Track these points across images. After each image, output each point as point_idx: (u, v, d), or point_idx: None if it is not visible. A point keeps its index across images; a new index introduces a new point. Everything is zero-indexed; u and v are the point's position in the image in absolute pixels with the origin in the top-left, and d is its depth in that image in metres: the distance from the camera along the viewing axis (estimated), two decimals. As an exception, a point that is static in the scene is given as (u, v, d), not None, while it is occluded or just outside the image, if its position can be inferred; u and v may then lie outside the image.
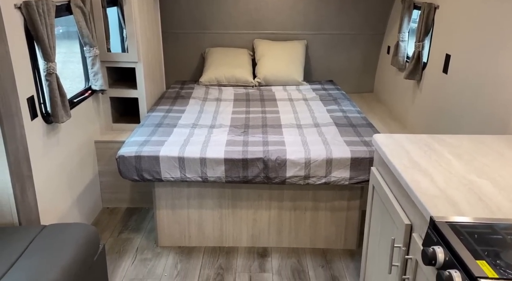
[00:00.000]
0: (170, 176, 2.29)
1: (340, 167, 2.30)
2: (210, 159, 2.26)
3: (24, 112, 1.96)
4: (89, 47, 2.72)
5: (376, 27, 4.08)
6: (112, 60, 3.02)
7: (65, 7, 2.45)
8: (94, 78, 2.82)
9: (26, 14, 1.96)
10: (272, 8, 4.02)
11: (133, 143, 2.39)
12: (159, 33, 3.60)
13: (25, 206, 1.90)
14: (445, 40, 2.64)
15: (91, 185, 2.90)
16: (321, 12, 4.03)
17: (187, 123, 2.78)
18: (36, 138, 2.12)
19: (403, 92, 3.42)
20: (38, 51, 2.10)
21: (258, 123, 2.80)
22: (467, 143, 1.70)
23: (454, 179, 1.38)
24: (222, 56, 3.97)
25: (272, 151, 2.31)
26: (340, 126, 2.74)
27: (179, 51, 4.16)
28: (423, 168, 1.46)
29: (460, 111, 2.38)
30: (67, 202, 2.53)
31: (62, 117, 2.23)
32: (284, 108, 3.18)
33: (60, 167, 2.42)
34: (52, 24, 2.16)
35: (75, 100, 2.67)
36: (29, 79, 2.05)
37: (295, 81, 3.88)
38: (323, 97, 3.48)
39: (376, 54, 4.23)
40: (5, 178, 1.76)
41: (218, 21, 4.07)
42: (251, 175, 2.29)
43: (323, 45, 4.19)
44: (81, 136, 2.73)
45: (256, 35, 4.12)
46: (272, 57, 3.92)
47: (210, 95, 3.52)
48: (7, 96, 1.70)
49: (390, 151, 1.61)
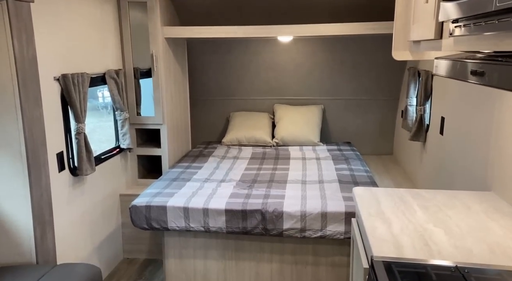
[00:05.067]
0: (176, 225, 2.49)
1: (335, 221, 2.39)
2: (212, 209, 2.45)
3: (52, 164, 2.30)
4: (120, 111, 3.13)
5: (390, 93, 4.27)
6: (141, 123, 3.42)
7: (100, 78, 2.90)
8: (123, 138, 3.20)
9: (63, 84, 2.39)
10: (290, 76, 4.37)
11: (147, 195, 2.65)
12: (186, 99, 4.02)
13: (43, 247, 2.15)
14: (441, 104, 2.78)
15: (113, 235, 3.14)
16: (335, 79, 4.31)
17: (200, 178, 3.02)
18: (62, 188, 2.44)
19: (413, 153, 3.50)
20: (71, 114, 2.50)
21: (266, 179, 2.99)
22: (440, 197, 1.78)
23: (410, 227, 1.47)
24: (244, 119, 4.30)
25: (270, 204, 2.46)
26: (343, 183, 2.86)
27: (206, 115, 4.55)
28: (386, 217, 1.56)
29: (453, 169, 2.44)
30: (87, 248, 2.78)
31: (86, 171, 2.56)
32: (295, 166, 3.35)
33: (83, 216, 2.71)
34: (85, 92, 2.58)
35: (104, 156, 3.03)
36: (61, 137, 2.42)
37: (311, 142, 4.08)
38: (335, 157, 3.63)
39: (393, 118, 4.37)
40: (28, 221, 2.05)
41: (242, 89, 4.46)
42: (250, 226, 2.44)
43: (340, 109, 4.42)
44: (107, 189, 3.04)
45: (276, 101, 4.45)
46: (290, 120, 4.18)
47: (229, 154, 3.79)
48: (37, 150, 2.05)
49: (362, 202, 1.73)
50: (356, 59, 4.23)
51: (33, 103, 2.02)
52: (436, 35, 1.22)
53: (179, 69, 3.77)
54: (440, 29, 1.22)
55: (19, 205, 2.03)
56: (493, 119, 1.88)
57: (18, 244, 2.09)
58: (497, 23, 0.80)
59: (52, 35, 2.32)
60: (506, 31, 0.78)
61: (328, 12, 3.44)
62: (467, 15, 0.92)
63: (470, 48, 1.00)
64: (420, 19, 1.46)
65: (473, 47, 0.98)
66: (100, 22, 2.89)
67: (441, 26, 1.21)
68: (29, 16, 2.00)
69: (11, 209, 2.05)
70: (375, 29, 2.99)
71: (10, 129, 1.95)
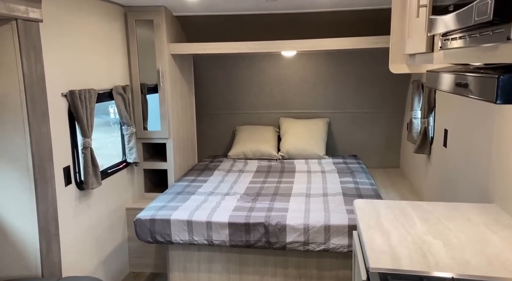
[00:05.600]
0: (180, 238, 2.50)
1: (338, 234, 2.38)
2: (215, 222, 2.47)
3: (59, 178, 2.35)
4: (127, 126, 3.19)
5: (395, 106, 4.27)
6: (147, 137, 3.47)
7: (107, 94, 2.97)
8: (129, 152, 3.25)
9: (70, 100, 2.45)
10: (295, 90, 4.41)
11: (151, 208, 2.68)
12: (192, 114, 4.08)
13: (49, 261, 2.18)
14: (444, 116, 2.78)
15: (119, 249, 3.17)
16: (340, 93, 4.34)
17: (205, 191, 3.04)
18: (68, 202, 2.48)
19: (419, 166, 3.49)
20: (78, 129, 2.56)
21: (270, 192, 3.00)
22: (441, 209, 1.77)
23: (409, 239, 1.46)
24: (250, 133, 4.33)
25: (273, 216, 2.47)
26: (347, 196, 2.85)
27: (213, 129, 4.60)
28: (385, 229, 1.56)
29: (457, 181, 2.43)
30: (93, 262, 2.80)
31: (92, 184, 2.60)
32: (300, 179, 3.36)
33: (89, 229, 2.74)
34: (92, 107, 2.64)
35: (110, 170, 3.07)
36: (67, 151, 2.48)
37: (317, 155, 4.08)
38: (340, 170, 3.63)
39: (399, 131, 4.36)
40: (34, 234, 2.08)
41: (247, 103, 4.51)
42: (253, 240, 2.44)
43: (345, 122, 4.43)
44: (113, 203, 3.08)
45: (282, 114, 4.48)
46: (295, 134, 4.20)
47: (234, 167, 3.81)
48: (43, 165, 2.10)
49: (362, 214, 1.74)
50: (360, 73, 4.26)
51: (41, 119, 2.08)
52: (427, 48, 1.24)
53: (185, 84, 3.83)
54: (431, 42, 1.24)
55: (25, 219, 2.07)
56: (493, 132, 1.88)
57: (24, 257, 2.12)
58: (479, 36, 0.82)
59: (60, 53, 2.39)
60: (487, 44, 0.80)
61: (331, 27, 3.49)
62: (452, 29, 0.95)
63: (459, 61, 1.02)
64: (413, 33, 1.49)
65: (461, 60, 1.00)
66: (108, 40, 2.97)
67: (432, 40, 1.24)
68: (37, 35, 2.08)
69: (18, 223, 2.09)
70: (377, 43, 3.02)
71: (18, 144, 2.00)
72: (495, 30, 0.75)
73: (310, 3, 3.12)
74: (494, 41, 0.74)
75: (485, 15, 0.71)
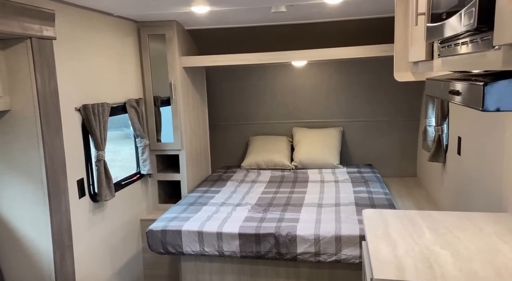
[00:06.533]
0: (191, 249, 2.52)
1: (349, 244, 2.35)
2: (225, 233, 2.47)
3: (73, 191, 2.40)
4: (140, 138, 3.25)
5: (410, 113, 4.21)
6: (161, 149, 3.52)
7: (121, 107, 3.03)
8: (143, 164, 3.31)
9: (83, 114, 2.52)
10: (308, 99, 4.41)
11: (163, 219, 2.71)
12: (205, 125, 4.12)
13: (63, 272, 2.23)
14: (457, 124, 2.73)
15: (133, 260, 3.20)
16: (353, 101, 4.31)
17: (217, 202, 3.06)
18: (82, 214, 2.53)
19: (435, 175, 3.42)
20: (92, 142, 2.62)
21: (281, 202, 2.99)
22: (452, 219, 1.73)
23: (416, 249, 1.43)
24: (263, 143, 4.34)
25: (284, 227, 2.46)
26: (359, 206, 2.82)
27: (226, 140, 4.63)
28: (392, 239, 1.53)
29: (472, 190, 2.37)
30: (107, 273, 2.84)
31: (105, 196, 2.65)
32: (312, 189, 3.34)
33: (103, 241, 2.78)
34: (105, 121, 2.70)
35: (124, 182, 3.13)
36: (81, 164, 2.54)
37: (331, 165, 4.05)
38: (354, 180, 3.59)
39: (415, 139, 4.29)
40: (48, 246, 2.13)
41: (260, 113, 4.53)
42: (263, 250, 2.43)
43: (359, 131, 4.39)
44: (127, 214, 3.12)
45: (294, 124, 4.48)
46: (308, 143, 4.19)
47: (247, 178, 3.82)
48: (57, 178, 2.16)
49: (369, 224, 1.71)
50: (373, 81, 4.23)
51: (54, 132, 2.15)
52: (427, 56, 1.23)
53: (198, 96, 3.88)
54: (431, 50, 1.23)
55: (40, 231, 2.13)
56: (504, 139, 1.84)
57: (39, 268, 2.17)
58: (469, 44, 0.82)
59: (74, 68, 2.47)
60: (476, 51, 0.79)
61: (340, 36, 3.49)
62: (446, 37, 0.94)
63: (455, 68, 1.01)
64: (415, 41, 1.48)
65: (456, 67, 0.99)
66: (121, 54, 3.05)
67: (432, 47, 1.23)
68: (51, 52, 2.15)
69: (33, 234, 2.14)
70: (387, 51, 3.00)
71: (32, 158, 2.07)
72: (483, 38, 0.74)
73: (318, 14, 3.14)
74: (482, 48, 0.74)
75: (470, 22, 0.71)
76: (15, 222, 2.14)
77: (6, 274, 2.17)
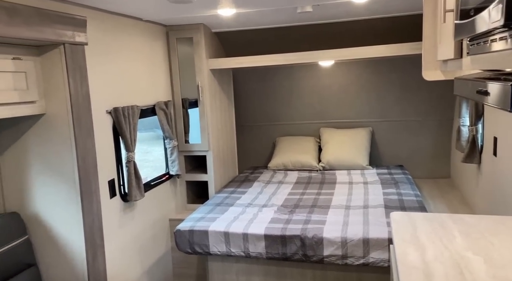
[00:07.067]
0: (217, 250, 2.54)
1: (378, 247, 2.30)
2: (251, 234, 2.47)
3: (104, 191, 2.48)
4: (169, 140, 3.31)
5: (443, 113, 4.08)
6: (189, 150, 3.57)
7: (150, 109, 3.10)
8: (172, 164, 3.37)
9: (114, 116, 2.59)
10: (336, 99, 4.35)
11: (191, 219, 2.74)
12: (232, 126, 4.15)
13: (95, 270, 2.30)
14: (493, 123, 2.61)
15: (163, 259, 3.26)
16: (383, 101, 4.22)
17: (243, 202, 3.07)
18: (113, 214, 2.60)
19: (469, 176, 3.29)
20: (122, 143, 2.69)
21: (308, 204, 2.96)
22: (486, 223, 1.66)
23: (446, 254, 1.38)
24: (290, 144, 4.32)
25: (310, 229, 2.43)
26: (389, 208, 2.75)
27: (253, 141, 4.64)
28: (421, 243, 1.49)
29: (508, 193, 2.26)
30: (137, 272, 2.91)
31: (135, 196, 2.72)
32: (340, 191, 3.29)
33: (133, 240, 2.85)
34: (135, 123, 2.77)
35: (154, 182, 3.19)
36: (112, 165, 2.61)
37: (359, 166, 3.98)
38: (384, 181, 3.51)
39: (448, 140, 4.15)
40: (81, 245, 2.21)
41: (287, 114, 4.51)
42: (289, 252, 2.42)
43: (390, 131, 4.28)
44: (156, 214, 3.19)
45: (322, 124, 4.43)
46: (336, 144, 4.13)
47: (274, 179, 3.81)
48: (89, 178, 2.23)
49: (397, 227, 1.67)
50: (404, 79, 4.12)
51: (86, 134, 2.22)
52: (456, 54, 1.19)
53: (225, 98, 3.92)
54: (460, 48, 1.18)
55: (73, 230, 2.21)
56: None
57: (73, 266, 2.25)
58: (498, 41, 0.78)
59: (104, 72, 2.55)
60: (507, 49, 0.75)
61: (368, 34, 3.43)
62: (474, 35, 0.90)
63: (485, 67, 0.96)
64: (443, 38, 1.43)
65: (487, 65, 0.95)
66: (150, 58, 3.12)
67: (461, 45, 1.18)
68: (83, 57, 2.23)
69: (67, 233, 2.23)
70: (417, 50, 2.91)
71: (66, 159, 2.15)
72: (513, 34, 0.70)
73: (345, 12, 3.09)
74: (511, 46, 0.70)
75: (498, 19, 0.68)
76: (51, 221, 2.23)
77: (43, 270, 2.27)
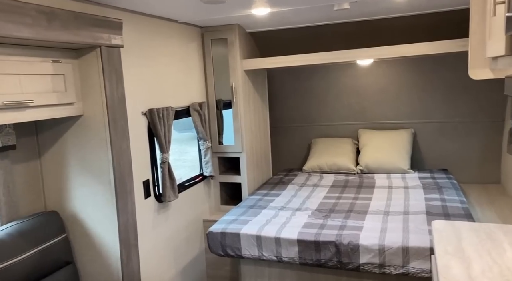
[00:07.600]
0: (249, 253, 2.50)
1: (418, 257, 2.17)
2: (284, 239, 2.42)
3: (139, 191, 2.51)
4: (203, 141, 3.32)
5: (493, 114, 3.82)
6: (222, 151, 3.56)
7: (185, 111, 3.12)
8: (206, 166, 3.37)
9: (149, 118, 2.62)
10: (375, 99, 4.20)
11: (223, 221, 2.72)
12: (266, 127, 4.10)
13: (129, 269, 2.33)
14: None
15: (196, 260, 3.27)
16: (426, 101, 4.02)
17: (276, 205, 3.01)
18: (147, 214, 2.63)
19: (522, 180, 3.05)
20: (157, 144, 2.72)
21: (344, 209, 2.86)
22: (541, 234, 1.51)
23: (495, 269, 1.26)
24: (326, 146, 4.22)
25: (345, 235, 2.34)
26: (431, 215, 2.60)
27: (288, 143, 4.57)
28: (466, 256, 1.37)
29: None
30: (171, 272, 2.93)
31: (169, 197, 2.73)
32: (379, 195, 3.16)
33: (167, 240, 2.87)
34: (170, 124, 2.79)
35: (188, 183, 3.21)
36: (147, 166, 2.64)
37: (400, 169, 3.81)
38: (426, 186, 3.34)
39: (499, 142, 3.88)
40: (115, 244, 2.24)
41: (323, 115, 4.40)
42: (323, 259, 2.33)
43: (434, 134, 4.07)
44: (190, 215, 3.20)
45: (361, 125, 4.29)
46: (375, 146, 3.98)
47: (309, 181, 3.73)
48: (124, 179, 2.26)
49: (439, 237, 1.55)
50: (449, 79, 3.90)
51: (121, 136, 2.25)
52: (507, 50, 1.08)
53: (259, 99, 3.88)
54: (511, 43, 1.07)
55: (108, 229, 2.24)
56: None
57: (108, 265, 2.29)
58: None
59: (140, 74, 2.58)
60: None
61: (409, 31, 3.27)
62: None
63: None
64: (493, 33, 1.30)
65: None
66: (185, 60, 3.14)
67: (513, 40, 1.07)
68: (119, 59, 2.26)
69: (102, 232, 2.27)
70: (463, 46, 2.74)
71: (102, 160, 2.19)
72: None
73: (385, 9, 2.97)
74: None
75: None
76: (87, 220, 2.28)
77: (80, 268, 2.32)
